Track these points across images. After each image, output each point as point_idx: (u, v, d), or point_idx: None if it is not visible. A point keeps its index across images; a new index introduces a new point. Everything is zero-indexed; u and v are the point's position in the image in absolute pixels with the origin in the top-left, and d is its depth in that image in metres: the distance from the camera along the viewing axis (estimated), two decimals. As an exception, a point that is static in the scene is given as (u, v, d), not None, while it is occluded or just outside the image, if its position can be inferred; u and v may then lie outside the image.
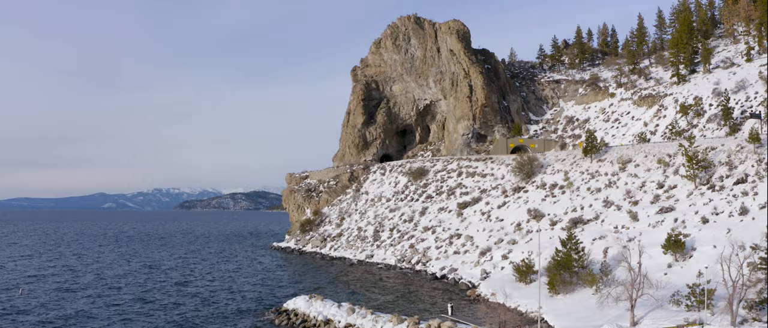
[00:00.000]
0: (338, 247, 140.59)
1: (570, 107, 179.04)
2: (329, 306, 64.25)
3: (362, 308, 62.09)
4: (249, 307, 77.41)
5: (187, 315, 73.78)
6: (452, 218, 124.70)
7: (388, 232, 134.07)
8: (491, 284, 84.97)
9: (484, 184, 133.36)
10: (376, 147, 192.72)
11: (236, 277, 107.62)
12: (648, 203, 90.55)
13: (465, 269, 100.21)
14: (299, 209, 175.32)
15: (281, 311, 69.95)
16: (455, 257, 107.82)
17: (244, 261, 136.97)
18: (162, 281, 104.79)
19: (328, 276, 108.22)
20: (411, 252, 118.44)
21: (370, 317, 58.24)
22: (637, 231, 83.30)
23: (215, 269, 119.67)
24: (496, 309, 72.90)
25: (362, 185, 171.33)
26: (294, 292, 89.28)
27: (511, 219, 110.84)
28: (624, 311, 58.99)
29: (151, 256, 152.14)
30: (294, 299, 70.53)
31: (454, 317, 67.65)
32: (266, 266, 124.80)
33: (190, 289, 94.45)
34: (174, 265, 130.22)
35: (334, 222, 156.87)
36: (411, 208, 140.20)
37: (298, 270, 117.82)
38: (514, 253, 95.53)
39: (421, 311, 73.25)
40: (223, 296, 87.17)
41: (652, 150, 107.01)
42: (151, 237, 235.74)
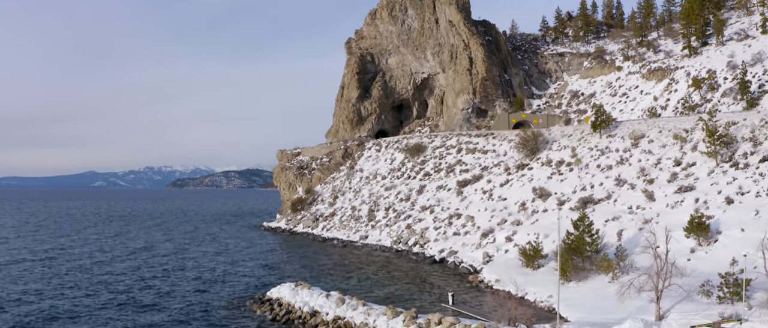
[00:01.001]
0: (331, 227, 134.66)
1: (574, 81, 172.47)
2: (316, 296, 58.18)
3: (353, 298, 56.01)
4: (229, 295, 71.39)
5: (159, 304, 67.73)
6: (451, 197, 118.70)
7: (384, 211, 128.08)
8: (495, 268, 79.08)
9: (486, 161, 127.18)
10: (372, 122, 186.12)
11: (220, 260, 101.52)
12: (665, 182, 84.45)
13: (465, 252, 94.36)
14: (291, 188, 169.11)
15: (264, 301, 63.94)
16: (455, 238, 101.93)
17: (230, 242, 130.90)
18: (137, 266, 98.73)
19: (319, 259, 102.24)
20: (408, 233, 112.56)
21: (362, 309, 52.21)
22: (654, 212, 77.29)
23: (199, 252, 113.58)
24: (501, 298, 66.86)
25: (356, 162, 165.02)
26: (280, 277, 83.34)
27: (514, 198, 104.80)
28: (647, 302, 53.06)
29: (133, 238, 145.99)
30: (278, 287, 64.45)
31: (456, 308, 61.69)
32: (253, 248, 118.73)
33: (168, 274, 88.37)
34: (155, 247, 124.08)
35: (327, 201, 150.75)
36: (408, 186, 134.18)
37: (288, 253, 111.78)
38: (518, 235, 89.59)
39: (418, 299, 67.31)
40: (203, 282, 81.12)
41: (666, 125, 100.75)
42: (138, 217, 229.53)
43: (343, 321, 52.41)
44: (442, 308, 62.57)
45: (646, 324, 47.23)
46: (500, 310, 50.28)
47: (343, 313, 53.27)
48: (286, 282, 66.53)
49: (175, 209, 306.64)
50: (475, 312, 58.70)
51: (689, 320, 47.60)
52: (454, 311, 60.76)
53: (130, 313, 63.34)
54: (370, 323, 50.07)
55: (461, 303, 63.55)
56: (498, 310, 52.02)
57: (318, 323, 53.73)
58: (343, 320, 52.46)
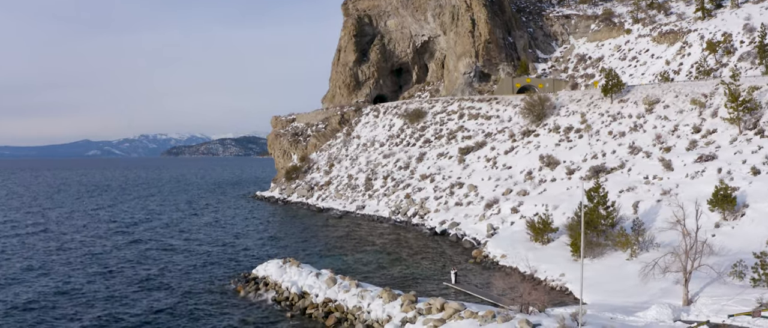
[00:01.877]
0: (326, 197, 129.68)
1: (581, 45, 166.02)
2: (306, 275, 53.20)
3: (346, 278, 50.97)
4: (213, 273, 66.52)
5: (137, 283, 62.94)
6: (453, 165, 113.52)
7: (382, 180, 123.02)
8: (500, 242, 74.18)
9: (489, 127, 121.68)
10: (369, 87, 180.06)
11: (207, 234, 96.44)
12: (683, 150, 79.09)
13: (468, 224, 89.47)
14: (285, 155, 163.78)
15: (249, 279, 58.99)
16: (457, 209, 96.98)
17: (222, 213, 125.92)
18: (121, 240, 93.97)
19: (313, 231, 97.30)
20: (407, 203, 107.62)
21: (355, 291, 47.23)
22: (673, 182, 72.02)
23: (186, 225, 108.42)
24: (509, 276, 62.00)
25: (353, 129, 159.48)
26: (269, 252, 78.45)
27: (520, 166, 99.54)
28: (671, 284, 48.11)
29: (121, 209, 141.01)
30: (265, 265, 59.42)
31: (459, 286, 56.82)
32: (244, 220, 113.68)
33: (151, 249, 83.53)
34: (143, 219, 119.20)
35: (323, 169, 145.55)
36: (407, 153, 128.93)
37: (280, 224, 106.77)
38: (525, 206, 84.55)
39: (418, 277, 62.43)
40: (187, 258, 76.21)
41: (683, 89, 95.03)
42: (128, 188, 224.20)
43: (334, 304, 47.44)
44: (444, 287, 57.77)
45: (674, 310, 42.34)
46: (510, 293, 45.26)
47: (335, 295, 48.30)
48: (274, 259, 61.45)
49: (168, 178, 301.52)
50: (481, 293, 53.82)
51: (721, 306, 42.70)
52: (457, 291, 55.95)
53: (101, 298, 58.57)
54: (364, 306, 45.15)
55: (465, 282, 58.68)
56: (508, 293, 47.03)
57: (306, 306, 48.83)
58: (335, 303, 47.49)
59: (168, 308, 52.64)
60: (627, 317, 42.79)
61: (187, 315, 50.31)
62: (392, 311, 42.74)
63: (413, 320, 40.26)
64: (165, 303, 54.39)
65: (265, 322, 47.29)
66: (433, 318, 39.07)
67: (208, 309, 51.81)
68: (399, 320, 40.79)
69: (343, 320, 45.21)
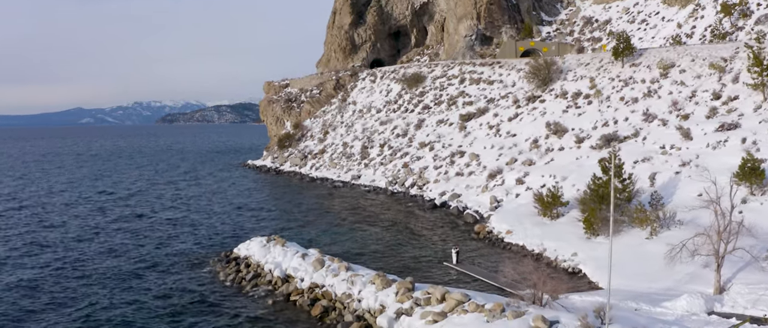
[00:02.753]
0: (320, 166, 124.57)
1: (588, 7, 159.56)
2: (291, 255, 48.27)
3: (335, 259, 45.99)
4: (193, 250, 61.65)
5: (110, 262, 58.19)
6: (454, 133, 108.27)
7: (378, 148, 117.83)
8: (505, 216, 69.22)
9: (492, 92, 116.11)
10: (366, 51, 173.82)
11: (194, 205, 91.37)
12: (702, 118, 73.81)
13: (470, 196, 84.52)
14: (278, 122, 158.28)
15: (230, 259, 54.05)
16: (458, 179, 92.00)
17: (211, 183, 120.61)
18: (99, 215, 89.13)
19: (304, 203, 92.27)
20: (405, 173, 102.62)
21: (344, 276, 42.32)
22: (693, 153, 66.84)
23: (173, 195, 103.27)
24: (516, 255, 57.22)
25: (349, 94, 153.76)
26: (255, 227, 73.52)
27: (525, 134, 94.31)
28: (699, 267, 43.26)
29: (105, 180, 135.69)
30: (248, 243, 54.43)
31: (461, 268, 51.99)
32: (234, 191, 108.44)
33: (130, 224, 78.62)
34: (127, 190, 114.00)
35: (317, 137, 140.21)
36: (405, 120, 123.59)
37: (270, 195, 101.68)
38: (531, 177, 79.51)
39: (415, 256, 57.54)
40: (168, 233, 71.26)
41: (700, 53, 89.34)
42: (118, 156, 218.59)
43: (320, 290, 42.54)
44: (445, 267, 52.93)
45: (707, 300, 37.51)
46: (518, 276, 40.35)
47: (322, 279, 43.38)
48: (258, 236, 56.41)
49: (160, 146, 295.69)
50: (486, 276, 48.93)
51: (759, 296, 37.80)
52: (458, 273, 51.13)
53: (70, 277, 53.77)
54: (354, 293, 40.28)
55: (468, 262, 53.77)
56: (515, 277, 42.14)
57: (291, 292, 43.96)
58: (322, 289, 42.58)
59: (140, 290, 47.87)
60: (653, 307, 37.99)
61: (159, 298, 45.51)
62: (386, 299, 37.87)
63: (409, 311, 35.38)
64: (137, 285, 49.61)
65: (243, 310, 42.44)
66: (432, 310, 34.18)
67: (181, 293, 46.98)
68: (393, 312, 35.92)
69: (330, 309, 40.36)
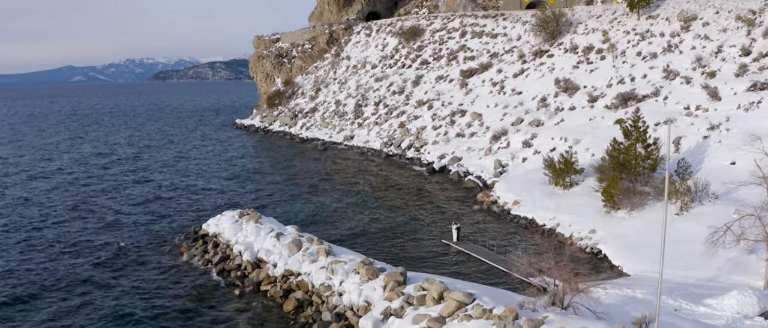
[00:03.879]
0: (311, 125, 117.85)
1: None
2: (265, 234, 41.89)
3: (314, 241, 39.56)
4: (160, 225, 55.35)
5: (68, 235, 52.16)
6: (454, 90, 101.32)
7: (373, 106, 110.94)
8: (511, 184, 62.70)
9: (495, 46, 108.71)
10: (361, 3, 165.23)
11: (170, 172, 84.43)
12: (731, 76, 66.87)
13: (472, 159, 78.13)
14: (268, 79, 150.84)
15: (198, 236, 47.68)
16: (458, 141, 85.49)
17: (195, 145, 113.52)
18: (69, 180, 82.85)
19: (291, 167, 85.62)
20: (401, 133, 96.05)
21: (324, 261, 36.01)
22: (722, 115, 60.06)
23: (152, 159, 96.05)
24: (525, 230, 50.91)
25: (343, 49, 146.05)
26: (232, 197, 66.99)
27: (532, 92, 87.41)
28: (743, 253, 36.95)
29: (86, 142, 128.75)
30: (219, 218, 47.98)
31: (463, 246, 45.72)
32: (217, 154, 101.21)
33: (101, 191, 72.42)
34: (106, 154, 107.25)
35: (308, 94, 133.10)
36: (402, 76, 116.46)
37: (255, 159, 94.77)
38: (539, 139, 72.98)
39: (410, 232, 51.17)
40: (139, 204, 64.75)
41: (725, 4, 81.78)
42: (105, 116, 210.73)
43: (295, 279, 36.20)
44: (443, 247, 46.66)
45: (761, 298, 31.24)
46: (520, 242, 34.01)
47: (298, 265, 37.04)
48: (231, 210, 49.86)
49: (151, 104, 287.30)
50: (492, 259, 42.60)
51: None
52: (459, 254, 44.89)
53: (24, 247, 47.73)
54: (335, 285, 34.04)
55: (470, 241, 47.38)
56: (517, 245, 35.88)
57: (262, 280, 37.70)
58: (297, 278, 36.23)
59: (84, 272, 41.93)
60: (695, 306, 31.72)
61: (102, 287, 39.37)
62: (372, 294, 31.60)
63: (400, 312, 29.08)
64: (90, 262, 43.89)
65: (204, 302, 36.25)
66: (427, 314, 27.86)
67: (138, 277, 40.85)
68: (380, 312, 29.64)
69: (305, 304, 34.13)
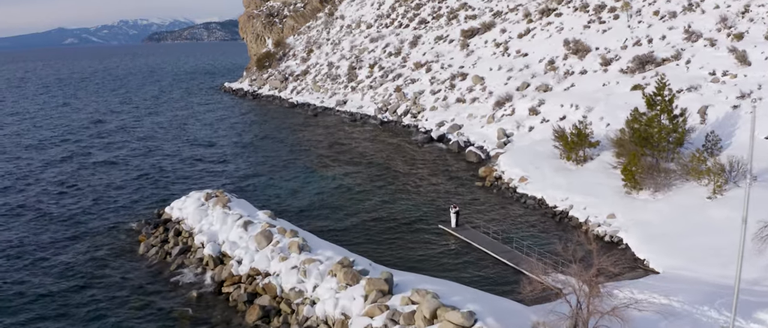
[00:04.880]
0: (302, 89, 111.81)
1: None
2: (232, 223, 36.30)
3: (287, 233, 33.88)
4: (124, 206, 49.87)
5: (24, 217, 46.77)
6: (454, 51, 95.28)
7: (368, 69, 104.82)
8: (516, 157, 56.92)
9: (499, 4, 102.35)
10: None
11: (146, 143, 78.44)
12: (761, 38, 60.65)
13: (473, 127, 72.44)
14: (258, 40, 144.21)
15: (160, 221, 42.02)
16: (458, 107, 79.73)
17: (179, 111, 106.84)
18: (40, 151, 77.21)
19: (277, 135, 79.60)
20: (397, 98, 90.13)
21: (296, 259, 30.54)
22: (753, 82, 53.97)
23: (129, 129, 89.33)
24: (534, 212, 45.26)
25: (337, 7, 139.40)
26: (207, 171, 61.10)
27: (539, 54, 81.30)
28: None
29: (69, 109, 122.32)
30: (184, 200, 42.24)
31: (462, 233, 40.13)
32: (198, 122, 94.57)
33: (70, 166, 66.68)
34: (86, 122, 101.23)
35: (300, 56, 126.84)
36: (398, 37, 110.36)
37: (238, 127, 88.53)
38: (547, 106, 67.15)
39: (402, 216, 45.45)
40: (103, 183, 58.84)
41: (752, -45, 75.14)
42: (92, 80, 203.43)
43: (262, 281, 30.61)
44: (440, 234, 41.04)
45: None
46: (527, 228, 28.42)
47: (266, 264, 31.48)
48: (199, 191, 44.01)
49: (142, 67, 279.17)
50: (497, 251, 36.92)
51: None
52: (458, 243, 39.31)
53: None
54: (308, 290, 28.58)
55: (471, 227, 41.66)
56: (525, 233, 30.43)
57: (224, 279, 32.17)
58: (264, 280, 30.63)
59: (31, 261, 36.59)
60: (747, 322, 26.18)
61: (48, 274, 34.06)
62: (350, 305, 26.11)
63: (383, 334, 23.58)
64: (33, 251, 38.57)
65: (148, 309, 30.82)
66: (417, 337, 22.38)
67: (81, 271, 35.47)
68: (360, 329, 24.15)
69: (272, 313, 28.63)
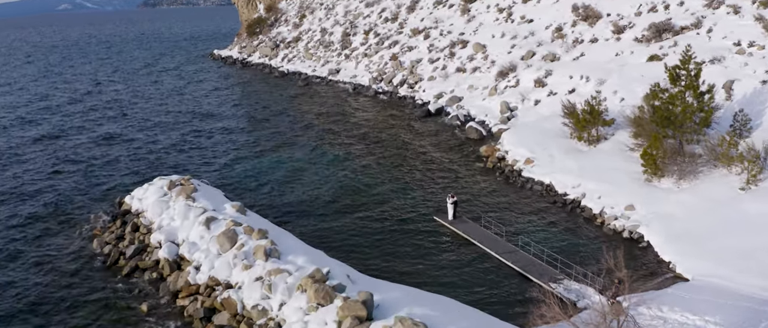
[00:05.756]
0: (293, 57, 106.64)
1: None
2: (194, 218, 31.79)
3: (254, 233, 29.19)
4: (85, 190, 45.17)
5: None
6: (454, 17, 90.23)
7: (362, 36, 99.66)
8: (522, 134, 52.14)
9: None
10: None
11: (126, 115, 73.57)
12: (792, 2, 55.54)
13: (474, 100, 67.70)
14: (250, 5, 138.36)
15: (118, 213, 37.33)
16: (458, 77, 74.96)
17: (164, 80, 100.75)
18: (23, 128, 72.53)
19: (261, 113, 73.35)
20: (393, 67, 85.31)
21: (261, 268, 26.03)
22: (784, 52, 49.14)
23: (108, 101, 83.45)
24: (541, 199, 40.69)
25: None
26: (178, 155, 55.67)
27: (545, 20, 76.15)
28: None
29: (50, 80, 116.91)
30: (146, 188, 37.42)
31: (461, 229, 35.59)
32: (183, 93, 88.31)
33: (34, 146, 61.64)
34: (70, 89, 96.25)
35: (292, 22, 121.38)
36: (395, 1, 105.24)
37: (223, 99, 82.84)
38: (555, 77, 62.30)
39: (392, 205, 40.73)
40: (69, 160, 54.14)
41: None
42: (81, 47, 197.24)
43: (222, 296, 25.98)
44: (436, 229, 36.47)
45: None
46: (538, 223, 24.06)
47: (227, 272, 26.96)
48: (164, 177, 39.21)
49: (135, 33, 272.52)
50: (502, 251, 32.34)
51: None
52: (455, 237, 34.82)
53: None
54: (272, 308, 24.16)
55: (472, 220, 37.05)
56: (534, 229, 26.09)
57: (180, 288, 27.71)
58: (222, 294, 25.94)
59: None
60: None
61: None
62: (318, 331, 21.68)
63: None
64: None
65: (95, 323, 26.50)
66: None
67: (19, 272, 31.10)
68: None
69: (231, 334, 24.32)
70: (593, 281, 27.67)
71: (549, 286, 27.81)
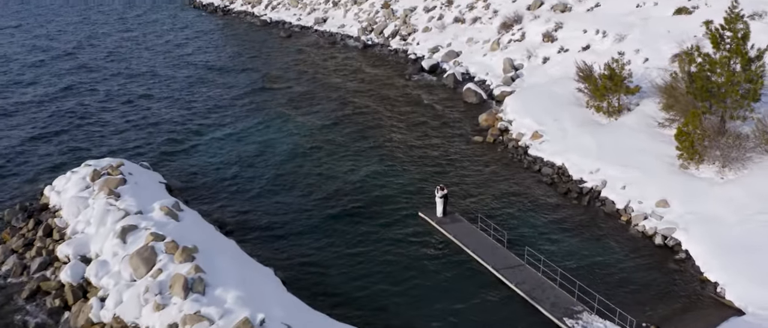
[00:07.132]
0: (278, 4, 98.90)
1: None
2: (111, 225, 25.20)
3: (178, 252, 22.39)
4: (21, 174, 38.29)
5: None
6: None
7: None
8: (528, 100, 45.35)
9: None
10: None
11: (83, 76, 65.76)
12: None
13: (473, 56, 61.01)
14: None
15: (33, 210, 30.57)
16: (456, 28, 68.24)
17: (135, 32, 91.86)
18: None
19: (233, 72, 64.07)
20: (384, 16, 78.29)
21: (177, 308, 20.04)
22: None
23: (66, 57, 75.64)
24: (550, 188, 34.19)
25: None
26: (133, 125, 48.10)
27: (555, -35, 68.72)
28: None
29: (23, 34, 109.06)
30: (69, 178, 30.69)
31: (450, 229, 29.31)
32: (152, 48, 79.06)
33: None
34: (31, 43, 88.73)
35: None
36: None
37: (195, 55, 73.88)
38: (565, 31, 55.49)
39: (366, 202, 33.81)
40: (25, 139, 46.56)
41: None
42: None
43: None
44: (423, 229, 30.07)
45: None
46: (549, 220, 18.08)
47: (135, 311, 20.68)
48: (91, 163, 32.42)
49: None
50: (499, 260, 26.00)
51: None
52: (446, 244, 28.52)
53: None
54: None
55: (465, 216, 30.65)
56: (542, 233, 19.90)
57: (81, 326, 21.55)
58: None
59: None
60: None
61: None
62: None
63: None
64: None
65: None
66: None
67: None
68: None
69: None
70: (623, 321, 21.57)
71: (564, 324, 21.72)
